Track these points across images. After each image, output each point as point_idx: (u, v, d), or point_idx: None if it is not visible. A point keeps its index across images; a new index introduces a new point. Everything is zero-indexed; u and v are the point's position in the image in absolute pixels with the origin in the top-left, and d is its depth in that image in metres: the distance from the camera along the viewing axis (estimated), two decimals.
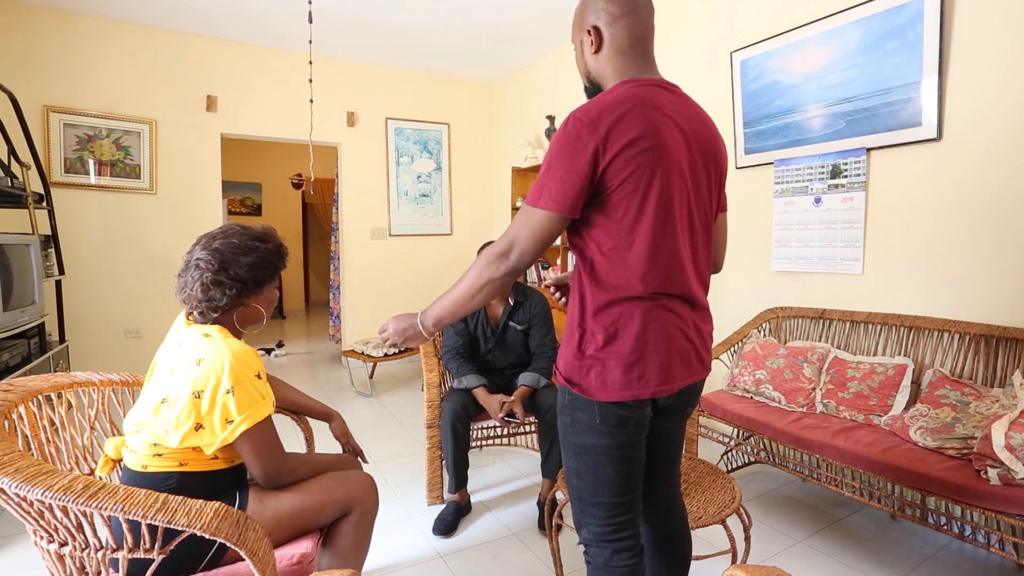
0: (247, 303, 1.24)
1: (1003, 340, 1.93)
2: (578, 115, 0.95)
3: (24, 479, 0.84)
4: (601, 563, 1.06)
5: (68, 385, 1.32)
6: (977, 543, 1.61)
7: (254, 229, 1.27)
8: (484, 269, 0.98)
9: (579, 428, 1.04)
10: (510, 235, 0.98)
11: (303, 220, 8.35)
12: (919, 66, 2.13)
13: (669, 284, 1.00)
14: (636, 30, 1.05)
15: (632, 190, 0.95)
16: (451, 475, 2.16)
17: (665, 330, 1.00)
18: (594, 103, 0.97)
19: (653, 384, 1.00)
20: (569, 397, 1.05)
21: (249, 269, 1.20)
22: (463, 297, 1.01)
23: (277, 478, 1.20)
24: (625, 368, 0.98)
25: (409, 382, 4.33)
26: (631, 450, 1.04)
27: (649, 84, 1.03)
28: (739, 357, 2.50)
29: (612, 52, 1.06)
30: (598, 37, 1.06)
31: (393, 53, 4.40)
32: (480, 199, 5.33)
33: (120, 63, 3.75)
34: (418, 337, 1.09)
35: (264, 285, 1.26)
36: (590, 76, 1.12)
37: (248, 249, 1.21)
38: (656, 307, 0.99)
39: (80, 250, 3.66)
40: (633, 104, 0.96)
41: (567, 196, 0.94)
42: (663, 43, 3.25)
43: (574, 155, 0.93)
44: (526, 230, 0.97)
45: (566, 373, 1.05)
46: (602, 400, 1.00)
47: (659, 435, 1.14)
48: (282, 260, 1.30)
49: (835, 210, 2.48)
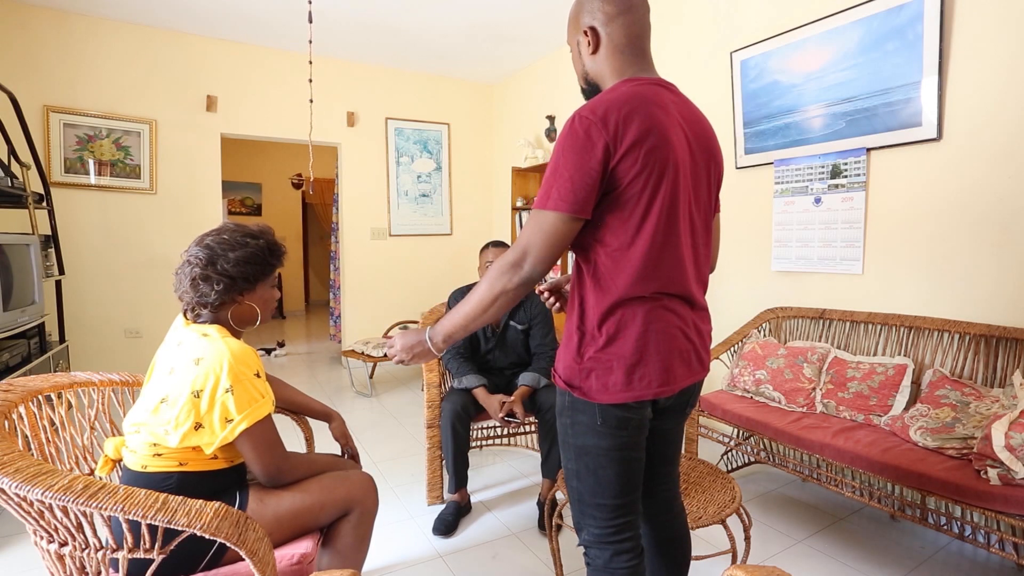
0: (240, 300, 1.22)
1: (1003, 340, 1.93)
2: (584, 113, 0.93)
3: (24, 479, 0.84)
4: (601, 565, 1.06)
5: (68, 385, 1.32)
6: (977, 543, 1.61)
7: (248, 227, 1.27)
8: (496, 280, 0.95)
9: (579, 430, 1.03)
10: (522, 243, 0.94)
11: (303, 220, 8.35)
12: (919, 66, 2.13)
13: (671, 284, 0.99)
14: (633, 28, 1.04)
15: (641, 188, 0.94)
16: (451, 475, 2.16)
17: (666, 330, 0.99)
18: (599, 101, 0.95)
19: (655, 385, 0.99)
20: (569, 399, 1.04)
21: (236, 264, 1.19)
22: (475, 311, 0.97)
23: (278, 476, 1.20)
24: (626, 369, 0.98)
25: (409, 382, 4.33)
26: (631, 452, 1.04)
27: (650, 83, 1.02)
28: (739, 357, 2.50)
29: (610, 51, 1.05)
30: (595, 37, 1.06)
31: (393, 53, 4.40)
32: (480, 199, 5.33)
33: (120, 63, 3.75)
34: (427, 355, 1.04)
35: (258, 282, 1.24)
36: (588, 77, 1.11)
37: (237, 244, 1.21)
38: (657, 307, 0.98)
39: (80, 250, 3.66)
40: (639, 102, 0.95)
41: (579, 196, 0.91)
42: (663, 43, 3.25)
43: (583, 153, 0.91)
44: (538, 236, 0.93)
45: (566, 377, 1.04)
46: (603, 402, 0.99)
47: (658, 436, 1.14)
48: (275, 257, 1.27)
49: (835, 210, 2.48)
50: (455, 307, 1.00)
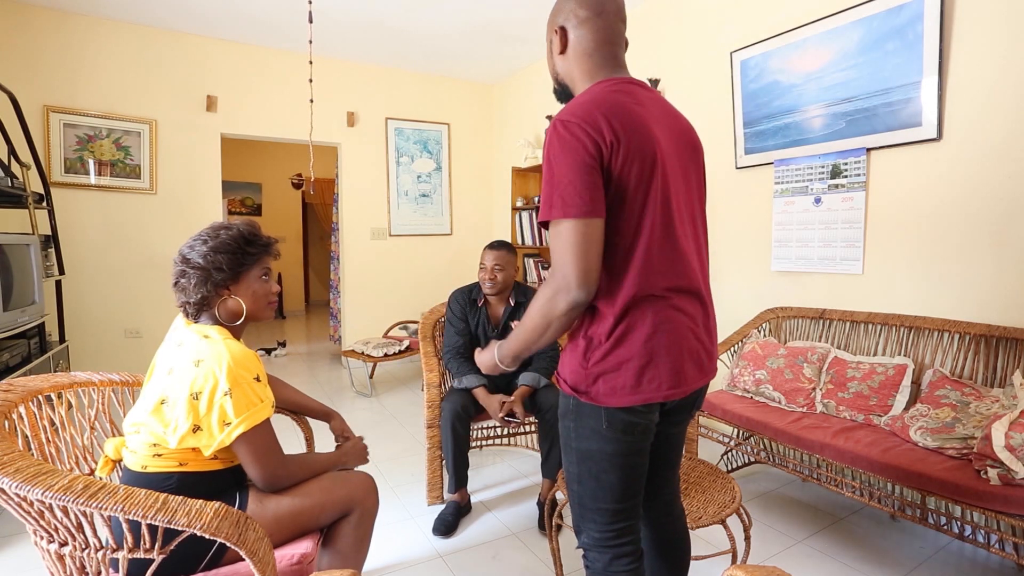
0: (225, 295, 1.21)
1: (1003, 340, 1.93)
2: (565, 117, 0.92)
3: (24, 479, 0.84)
4: (600, 568, 1.05)
5: (68, 385, 1.32)
6: (977, 543, 1.61)
7: (226, 222, 1.26)
8: (545, 307, 0.94)
9: (583, 434, 1.02)
10: (555, 269, 0.92)
11: (303, 220, 8.36)
12: (919, 66, 2.13)
13: (678, 278, 0.98)
14: (601, 34, 1.04)
15: (635, 185, 0.93)
16: (451, 475, 2.16)
17: (677, 331, 0.98)
18: (577, 104, 0.95)
19: (665, 387, 0.97)
20: (574, 403, 1.02)
21: (206, 256, 1.17)
22: (532, 337, 0.99)
23: (275, 482, 1.19)
24: (636, 371, 0.95)
25: (409, 382, 4.33)
26: (635, 457, 1.02)
27: (624, 82, 1.02)
28: (739, 357, 2.50)
29: (578, 53, 1.05)
30: (563, 37, 1.06)
31: (393, 53, 4.40)
32: (480, 199, 5.33)
33: (120, 63, 3.74)
34: (495, 369, 1.12)
35: (240, 274, 1.21)
36: (558, 77, 1.12)
37: (209, 237, 1.20)
38: (667, 307, 0.97)
39: (80, 250, 3.66)
40: (616, 100, 0.95)
41: (586, 195, 0.89)
42: (663, 43, 3.25)
43: (576, 153, 0.90)
44: (564, 252, 0.90)
45: (572, 382, 1.01)
46: (611, 406, 0.97)
47: (661, 440, 1.13)
48: (254, 246, 1.24)
49: (835, 210, 2.48)
50: (518, 328, 1.03)
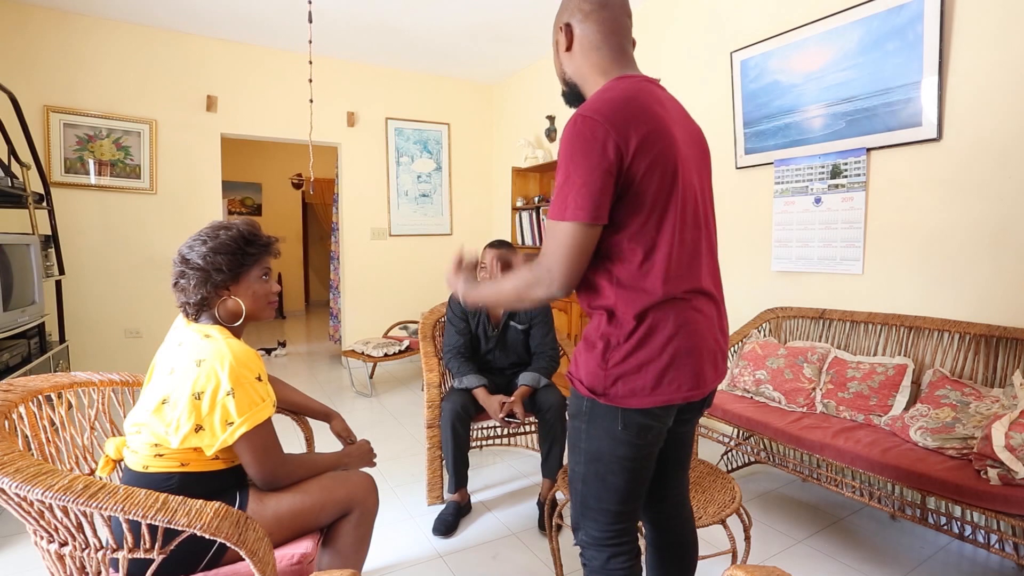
0: (225, 295, 1.20)
1: (1003, 340, 1.93)
2: (587, 113, 0.90)
3: (24, 479, 0.84)
4: (598, 566, 1.05)
5: (68, 385, 1.32)
6: (977, 543, 1.61)
7: (225, 221, 1.26)
8: (523, 290, 0.97)
9: (595, 435, 1.00)
10: (544, 262, 0.93)
11: (303, 220, 8.35)
12: (919, 66, 2.13)
13: (696, 281, 0.98)
14: (607, 25, 1.03)
15: (657, 187, 0.91)
16: (451, 475, 2.16)
17: (698, 332, 0.97)
18: (600, 100, 0.93)
19: (685, 389, 0.96)
20: (588, 404, 1.00)
21: (205, 256, 1.17)
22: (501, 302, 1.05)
23: (275, 481, 1.19)
24: (657, 374, 0.94)
25: (409, 382, 4.33)
26: (643, 461, 1.02)
27: (643, 80, 1.01)
28: (739, 357, 2.50)
29: (584, 48, 1.04)
30: (569, 34, 1.05)
31: (393, 53, 4.40)
32: (480, 199, 5.33)
33: (120, 63, 3.74)
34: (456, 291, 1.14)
35: (240, 274, 1.21)
36: (566, 76, 1.10)
37: (208, 238, 1.20)
38: (688, 308, 0.96)
39: (80, 250, 3.66)
40: (640, 100, 0.93)
41: (595, 201, 0.88)
42: (663, 43, 3.25)
43: (593, 155, 0.88)
44: (559, 252, 0.91)
45: (589, 384, 0.99)
46: (629, 407, 0.96)
47: (672, 440, 1.12)
48: (253, 246, 1.23)
49: (835, 210, 2.48)
50: (492, 286, 1.05)
